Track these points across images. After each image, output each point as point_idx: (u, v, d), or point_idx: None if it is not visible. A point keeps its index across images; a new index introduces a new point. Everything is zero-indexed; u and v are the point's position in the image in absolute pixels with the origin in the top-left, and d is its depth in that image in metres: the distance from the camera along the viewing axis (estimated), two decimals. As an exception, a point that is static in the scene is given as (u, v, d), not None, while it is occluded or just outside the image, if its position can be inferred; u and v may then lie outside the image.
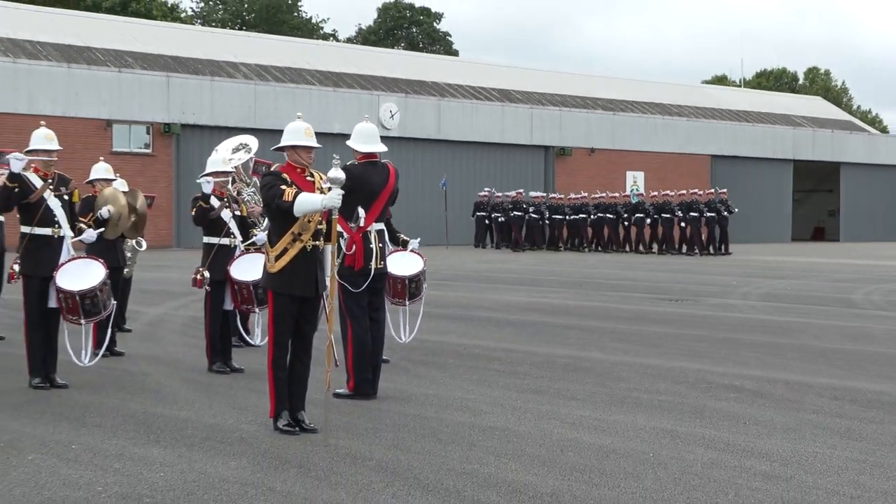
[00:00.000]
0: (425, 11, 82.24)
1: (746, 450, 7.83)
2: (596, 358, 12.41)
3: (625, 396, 9.96)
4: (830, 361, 12.35)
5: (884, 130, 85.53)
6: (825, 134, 60.36)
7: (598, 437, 8.20)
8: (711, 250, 39.29)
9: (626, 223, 41.15)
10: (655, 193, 42.53)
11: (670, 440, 8.11)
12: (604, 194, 42.69)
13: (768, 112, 62.72)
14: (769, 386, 10.60)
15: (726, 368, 11.70)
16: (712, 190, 41.57)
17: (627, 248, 41.11)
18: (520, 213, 41.54)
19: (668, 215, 39.93)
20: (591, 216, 41.67)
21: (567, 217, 42.30)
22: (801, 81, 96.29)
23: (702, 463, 7.42)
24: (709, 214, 39.03)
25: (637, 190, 48.33)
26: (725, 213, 39.13)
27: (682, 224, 39.54)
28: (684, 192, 41.12)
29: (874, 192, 60.16)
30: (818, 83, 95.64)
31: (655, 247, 40.61)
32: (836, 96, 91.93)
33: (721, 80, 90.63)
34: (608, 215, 41.29)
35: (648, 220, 40.58)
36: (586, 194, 42.72)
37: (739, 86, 79.60)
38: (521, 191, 42.87)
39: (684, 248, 39.78)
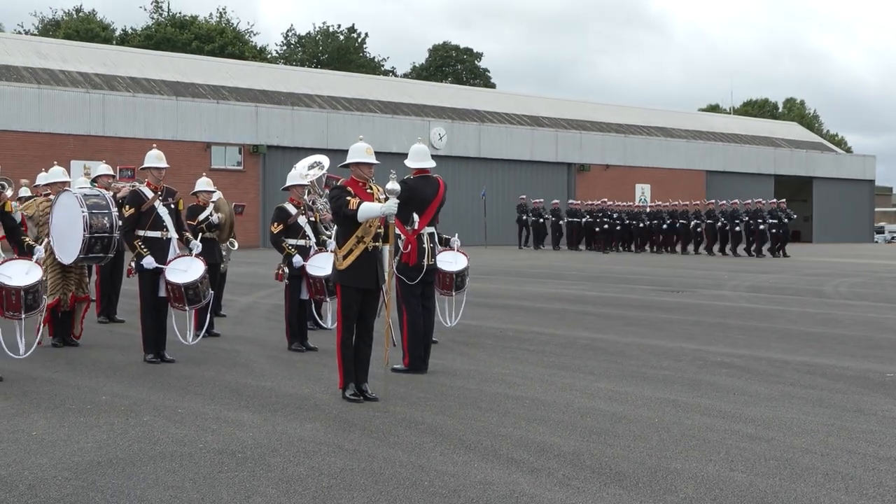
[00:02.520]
0: (468, 51, 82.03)
1: (735, 416, 7.76)
2: (610, 339, 12.33)
3: (634, 371, 9.89)
4: (805, 342, 12.21)
5: (848, 150, 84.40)
6: (800, 153, 60.08)
7: (611, 405, 8.15)
8: (767, 252, 36.58)
9: (699, 230, 38.60)
10: (714, 203, 40.19)
11: (672, 408, 8.04)
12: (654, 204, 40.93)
13: (753, 135, 62.18)
14: (754, 363, 10.50)
15: (718, 348, 11.59)
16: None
17: (690, 250, 38.88)
18: (607, 220, 39.52)
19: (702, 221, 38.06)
20: (665, 223, 39.52)
21: (643, 223, 40.00)
22: (780, 109, 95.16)
23: (698, 427, 7.35)
24: (771, 221, 36.65)
25: (644, 200, 47.94)
26: (786, 219, 37.04)
27: (736, 229, 37.41)
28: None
29: (841, 202, 60.39)
30: (795, 111, 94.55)
31: (715, 248, 38.08)
32: (809, 122, 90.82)
33: (714, 108, 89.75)
34: (681, 221, 39.10)
35: (700, 226, 38.47)
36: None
37: (729, 113, 78.81)
38: (606, 199, 41.74)
39: (740, 249, 37.50)
